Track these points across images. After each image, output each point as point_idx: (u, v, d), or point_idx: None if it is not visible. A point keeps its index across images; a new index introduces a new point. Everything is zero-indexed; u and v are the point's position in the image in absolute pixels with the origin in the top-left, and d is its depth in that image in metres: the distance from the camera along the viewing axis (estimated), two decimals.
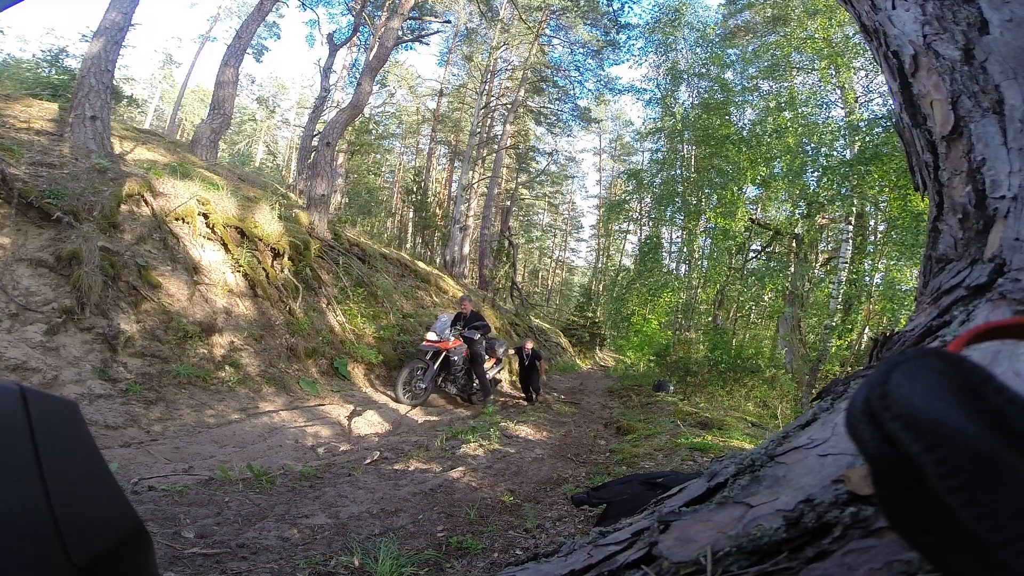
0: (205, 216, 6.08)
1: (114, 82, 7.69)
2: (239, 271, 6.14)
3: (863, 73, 11.50)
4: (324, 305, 7.34)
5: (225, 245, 6.16)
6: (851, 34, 10.36)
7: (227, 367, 5.24)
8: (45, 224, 4.69)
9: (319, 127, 15.34)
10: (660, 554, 0.51)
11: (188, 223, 5.89)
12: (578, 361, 19.82)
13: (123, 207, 5.37)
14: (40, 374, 3.89)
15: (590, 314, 24.81)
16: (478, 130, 20.70)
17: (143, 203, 5.61)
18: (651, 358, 13.69)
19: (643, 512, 0.74)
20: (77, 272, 4.44)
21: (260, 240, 6.58)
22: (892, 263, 10.05)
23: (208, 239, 6.06)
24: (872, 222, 12.17)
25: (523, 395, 8.82)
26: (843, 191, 10.06)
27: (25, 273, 4.37)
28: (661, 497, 0.76)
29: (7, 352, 3.82)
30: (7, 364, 3.77)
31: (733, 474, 0.62)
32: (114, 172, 5.76)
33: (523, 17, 18.37)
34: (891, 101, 1.33)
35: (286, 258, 6.89)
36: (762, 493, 0.55)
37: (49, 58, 11.47)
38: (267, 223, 6.81)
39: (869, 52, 10.20)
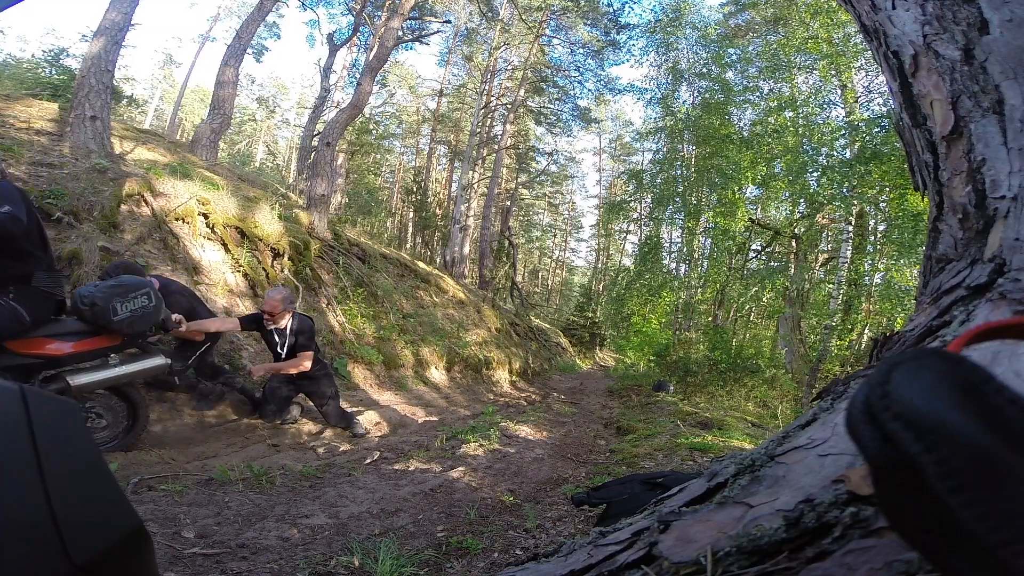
0: (205, 216, 6.07)
1: (114, 82, 7.69)
2: (239, 271, 6.14)
3: (863, 73, 11.50)
4: (324, 305, 7.34)
5: (225, 245, 6.15)
6: (852, 32, 10.35)
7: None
8: (45, 224, 4.68)
9: (319, 127, 15.34)
10: (660, 554, 0.51)
11: (188, 223, 5.89)
12: (578, 361, 19.83)
13: (123, 207, 5.37)
14: None
15: (590, 314, 24.84)
16: (478, 130, 20.70)
17: (143, 203, 5.61)
18: (651, 358, 13.69)
19: (643, 512, 0.74)
20: (77, 272, 4.44)
21: (260, 240, 6.58)
22: (892, 263, 10.04)
23: (208, 239, 6.06)
24: (872, 222, 12.17)
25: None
26: (843, 191, 10.05)
27: None
28: (661, 497, 0.76)
29: None
30: None
31: (733, 474, 0.62)
32: (114, 172, 5.76)
33: (523, 17, 18.37)
34: (891, 101, 1.34)
35: (286, 258, 6.89)
36: (762, 493, 0.55)
37: (49, 58, 11.49)
38: (267, 223, 6.81)
39: (869, 52, 10.19)
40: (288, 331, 4.37)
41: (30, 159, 5.27)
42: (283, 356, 4.39)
